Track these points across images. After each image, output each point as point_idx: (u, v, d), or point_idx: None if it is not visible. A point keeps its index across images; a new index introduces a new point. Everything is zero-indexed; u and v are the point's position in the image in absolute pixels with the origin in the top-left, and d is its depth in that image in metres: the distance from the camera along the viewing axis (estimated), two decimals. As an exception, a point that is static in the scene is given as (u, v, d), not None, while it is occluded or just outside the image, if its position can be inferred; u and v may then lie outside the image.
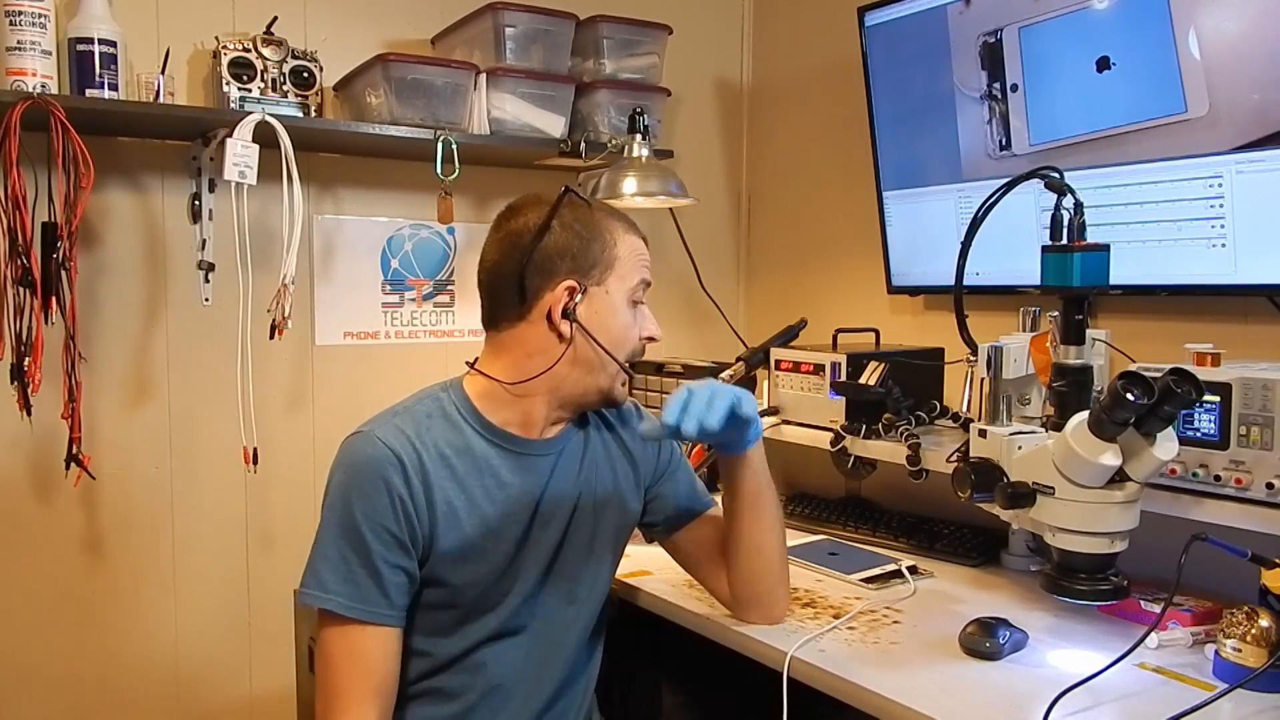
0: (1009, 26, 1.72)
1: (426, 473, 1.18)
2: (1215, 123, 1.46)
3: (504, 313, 1.25)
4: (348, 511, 1.15)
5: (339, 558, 1.15)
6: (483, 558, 1.21)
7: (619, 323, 1.25)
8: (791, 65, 2.42)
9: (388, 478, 1.15)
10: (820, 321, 1.98)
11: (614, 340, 1.24)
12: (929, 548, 1.71)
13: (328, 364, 2.06)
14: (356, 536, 1.15)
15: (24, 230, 1.55)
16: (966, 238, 1.31)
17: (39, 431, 1.73)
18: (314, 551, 1.18)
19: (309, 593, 1.16)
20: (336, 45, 1.97)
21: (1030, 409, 1.44)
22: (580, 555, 1.30)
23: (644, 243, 1.30)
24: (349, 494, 1.16)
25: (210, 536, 1.94)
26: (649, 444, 1.40)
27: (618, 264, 1.24)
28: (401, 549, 1.16)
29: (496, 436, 1.25)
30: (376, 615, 1.15)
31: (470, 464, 1.22)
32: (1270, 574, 1.14)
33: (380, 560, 1.15)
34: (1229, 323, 1.57)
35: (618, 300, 1.25)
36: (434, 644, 1.23)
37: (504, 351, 1.26)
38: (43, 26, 1.62)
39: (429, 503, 1.18)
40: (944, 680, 1.17)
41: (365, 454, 1.17)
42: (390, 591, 1.16)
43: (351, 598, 1.14)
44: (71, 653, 1.83)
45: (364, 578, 1.14)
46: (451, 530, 1.19)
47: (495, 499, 1.23)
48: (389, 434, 1.18)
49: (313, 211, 2.01)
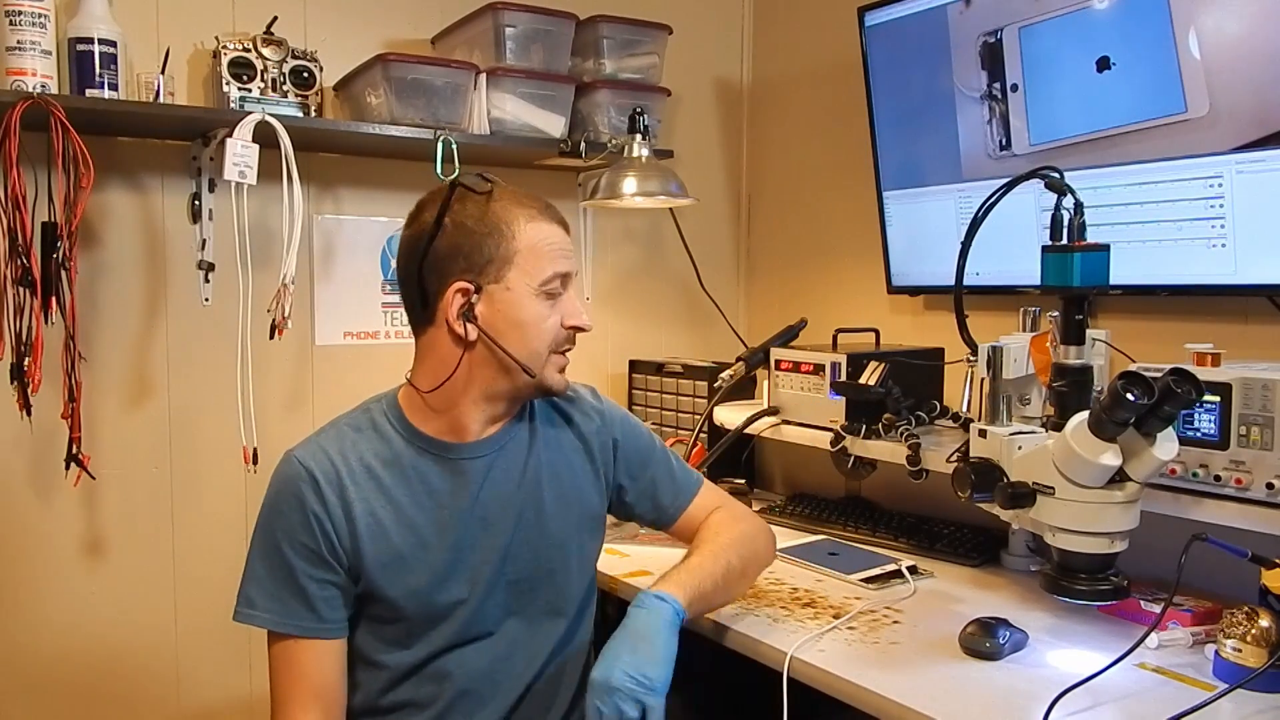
0: (1009, 26, 1.72)
1: (344, 487, 1.18)
2: (1215, 123, 1.46)
3: (415, 316, 1.23)
4: (269, 531, 1.18)
5: (266, 576, 1.17)
6: (416, 567, 1.20)
7: (526, 318, 1.19)
8: (791, 65, 2.42)
9: (301, 495, 1.17)
10: (820, 321, 1.98)
11: (524, 338, 1.19)
12: (929, 548, 1.70)
13: (328, 364, 2.05)
14: (278, 555, 1.17)
15: (24, 230, 1.55)
16: (966, 238, 1.31)
17: (39, 431, 1.73)
18: (244, 573, 1.20)
19: (241, 611, 1.18)
20: (336, 45, 1.97)
21: (1030, 409, 1.44)
22: (537, 554, 1.28)
23: (560, 228, 1.23)
24: (270, 514, 1.19)
25: (210, 536, 1.94)
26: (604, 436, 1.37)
27: (518, 258, 1.18)
28: (323, 564, 1.17)
29: (424, 443, 1.23)
30: (304, 629, 1.16)
31: (398, 474, 1.21)
32: (1270, 574, 1.14)
33: (303, 576, 1.16)
34: (1229, 323, 1.57)
35: (522, 296, 1.19)
36: (394, 656, 1.22)
37: (423, 358, 1.24)
38: (43, 26, 1.62)
39: (348, 517, 1.17)
40: (944, 680, 1.17)
41: (283, 474, 1.20)
42: (318, 606, 1.17)
43: (279, 613, 1.16)
44: (72, 653, 1.83)
45: (289, 595, 1.16)
46: (377, 542, 1.18)
47: (425, 507, 1.21)
48: (307, 452, 1.20)
49: (313, 211, 2.01)
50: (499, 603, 1.25)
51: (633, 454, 1.40)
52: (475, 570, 1.23)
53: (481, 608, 1.24)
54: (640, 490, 1.40)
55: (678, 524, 1.42)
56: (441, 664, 1.23)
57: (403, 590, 1.19)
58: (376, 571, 1.18)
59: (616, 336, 2.41)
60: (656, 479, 1.41)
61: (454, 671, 1.23)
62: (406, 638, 1.22)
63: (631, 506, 1.41)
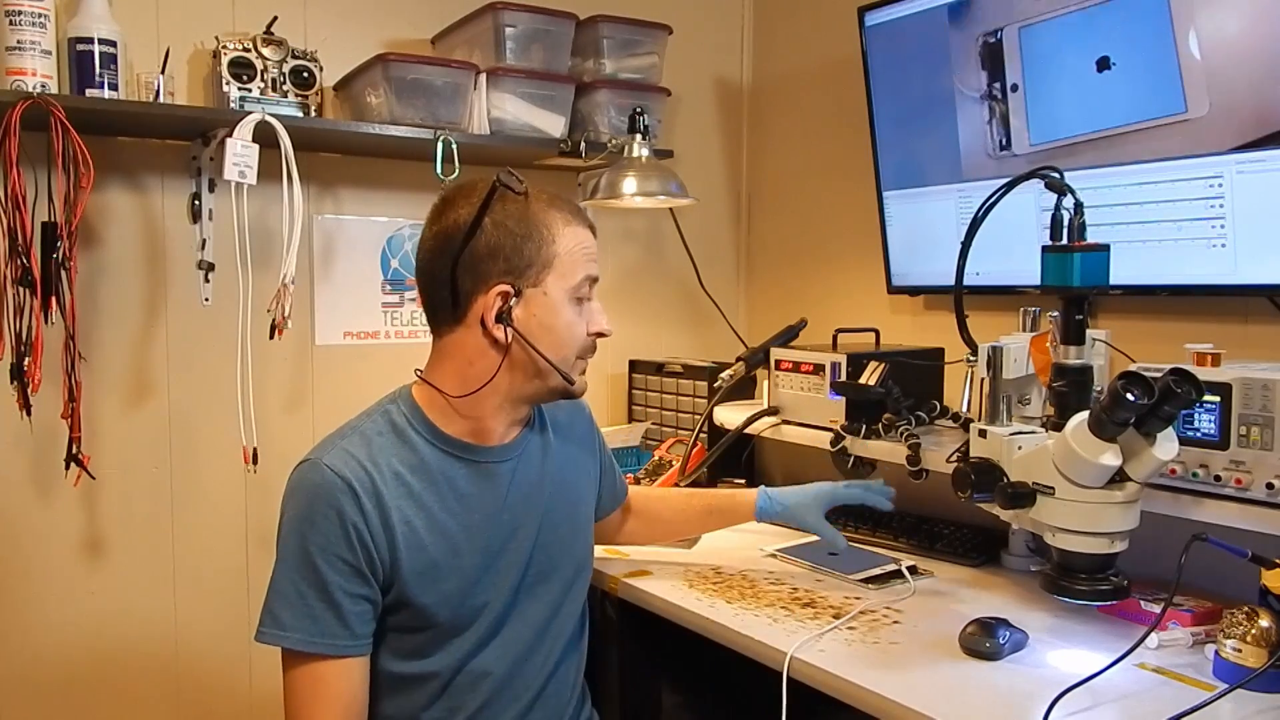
0: (1009, 26, 1.72)
1: (380, 495, 1.13)
2: (1215, 123, 1.46)
3: (441, 316, 1.20)
4: (301, 545, 1.11)
5: (295, 594, 1.11)
6: (449, 574, 1.18)
7: (561, 324, 1.18)
8: (791, 65, 2.42)
9: (339, 506, 1.11)
10: (820, 321, 1.98)
11: (557, 343, 1.18)
12: (929, 548, 1.70)
13: (327, 364, 2.05)
14: (311, 570, 1.11)
15: (24, 230, 1.55)
16: (966, 238, 1.31)
17: (39, 431, 1.73)
18: (270, 590, 1.13)
19: (266, 632, 1.12)
20: (336, 45, 1.97)
21: (1030, 409, 1.44)
22: (552, 555, 1.28)
23: (590, 232, 1.22)
24: (301, 527, 1.12)
25: (210, 536, 1.94)
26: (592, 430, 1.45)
27: (556, 262, 1.17)
28: (360, 578, 1.12)
29: (452, 447, 1.20)
30: (337, 648, 1.11)
31: (426, 480, 1.18)
32: (1270, 574, 1.14)
33: (339, 591, 1.11)
34: (1229, 323, 1.57)
35: (558, 301, 1.18)
36: (416, 665, 1.19)
37: (446, 359, 1.21)
38: (43, 26, 1.62)
39: (385, 526, 1.13)
40: (944, 680, 1.17)
41: (314, 483, 1.12)
42: (350, 622, 1.12)
43: (310, 633, 1.10)
44: (72, 652, 1.83)
45: (322, 610, 1.11)
46: (414, 551, 1.15)
47: (455, 512, 1.19)
48: (337, 460, 1.14)
49: (313, 211, 2.01)
50: (518, 605, 1.25)
51: (606, 460, 1.49)
52: (501, 574, 1.23)
53: (505, 611, 1.24)
54: (606, 478, 1.48)
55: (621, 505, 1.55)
56: (467, 672, 1.21)
57: (435, 598, 1.17)
58: (411, 580, 1.15)
59: (616, 336, 2.37)
60: (613, 463, 1.52)
61: (476, 680, 1.21)
62: (428, 646, 1.19)
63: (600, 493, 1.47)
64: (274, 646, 1.12)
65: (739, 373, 1.96)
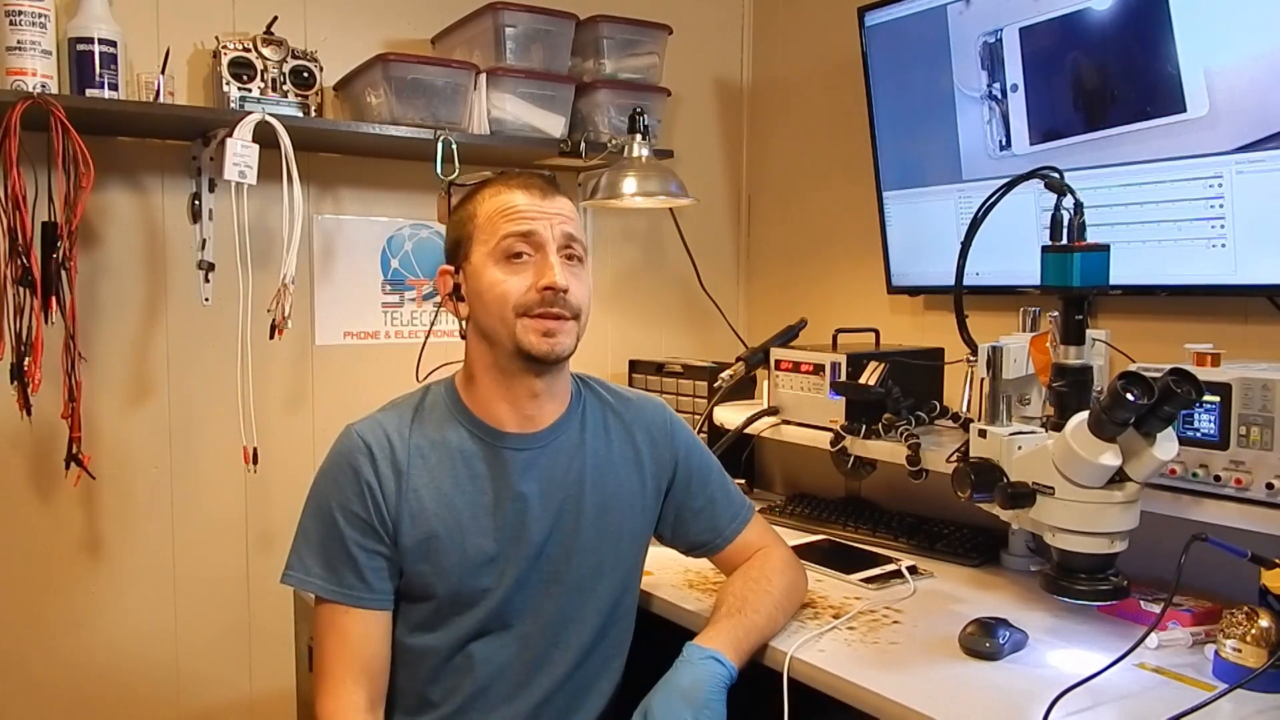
0: (1009, 26, 1.72)
1: (397, 462, 1.22)
2: (1215, 123, 1.46)
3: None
4: (323, 499, 1.22)
5: (319, 543, 1.21)
6: (452, 549, 1.22)
7: (485, 286, 1.23)
8: (791, 65, 2.42)
9: (357, 466, 1.21)
10: (820, 321, 1.98)
11: (489, 305, 1.22)
12: (929, 548, 1.70)
13: (327, 364, 2.06)
14: (330, 522, 1.20)
15: (24, 230, 1.55)
16: (966, 238, 1.32)
17: (39, 431, 1.74)
18: (296, 535, 1.24)
19: (292, 574, 1.22)
20: (336, 45, 1.97)
21: (1030, 409, 1.44)
22: (575, 555, 1.28)
23: (524, 192, 1.24)
24: (324, 483, 1.23)
25: (210, 536, 1.94)
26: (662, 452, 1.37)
27: (477, 231, 1.25)
28: (374, 535, 1.20)
29: (475, 427, 1.27)
30: (353, 599, 1.19)
31: (444, 456, 1.25)
32: (1270, 574, 1.14)
33: (354, 545, 1.19)
34: (1229, 323, 1.57)
35: (480, 265, 1.24)
36: (421, 639, 1.24)
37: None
38: (43, 26, 1.62)
39: (399, 491, 1.21)
40: (944, 680, 1.17)
41: (340, 446, 1.24)
42: (367, 575, 1.20)
43: (330, 580, 1.19)
44: (71, 653, 1.83)
45: (340, 562, 1.19)
46: (416, 521, 1.21)
47: (465, 490, 1.24)
48: (365, 427, 1.25)
49: (313, 211, 2.01)
50: (527, 599, 1.26)
51: (694, 472, 1.39)
52: (506, 561, 1.24)
53: (509, 600, 1.25)
54: (697, 510, 1.39)
55: (727, 550, 1.39)
56: (466, 652, 1.24)
57: (433, 568, 1.22)
58: (411, 546, 1.21)
59: (616, 336, 2.41)
60: (715, 499, 1.40)
61: (477, 663, 1.24)
62: (431, 619, 1.24)
63: (686, 526, 1.39)
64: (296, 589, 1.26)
65: (739, 373, 1.96)
